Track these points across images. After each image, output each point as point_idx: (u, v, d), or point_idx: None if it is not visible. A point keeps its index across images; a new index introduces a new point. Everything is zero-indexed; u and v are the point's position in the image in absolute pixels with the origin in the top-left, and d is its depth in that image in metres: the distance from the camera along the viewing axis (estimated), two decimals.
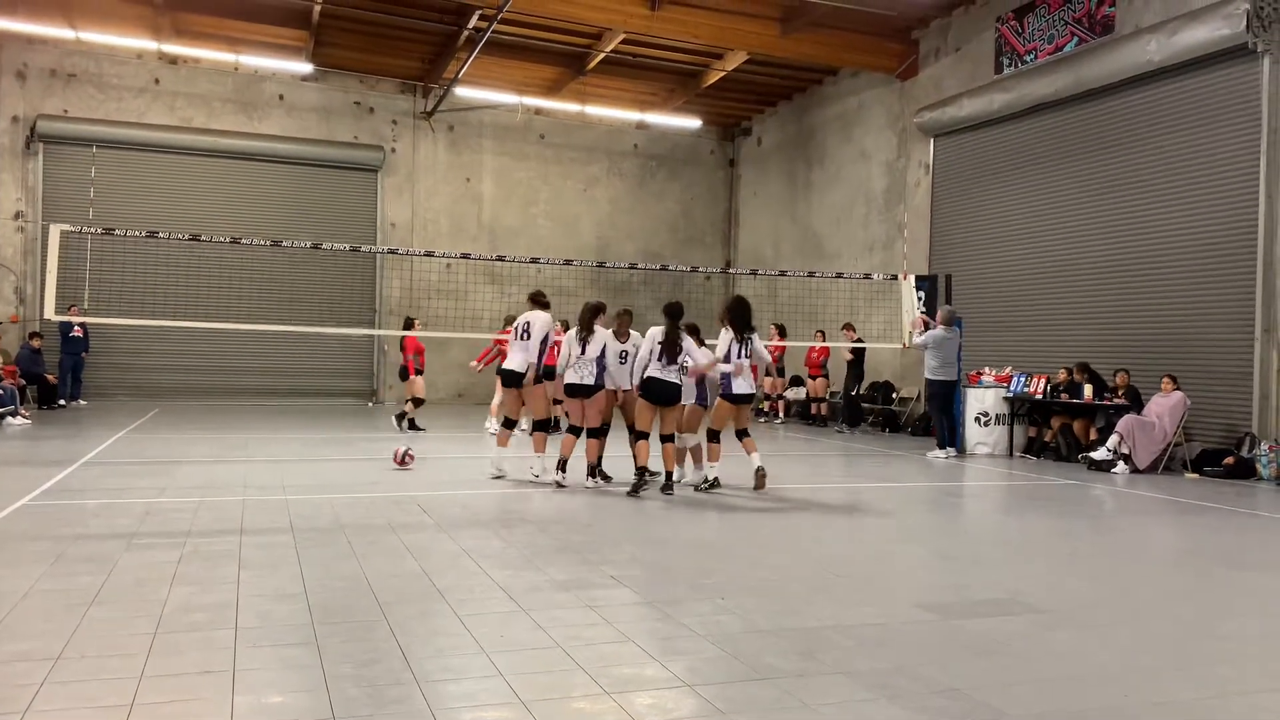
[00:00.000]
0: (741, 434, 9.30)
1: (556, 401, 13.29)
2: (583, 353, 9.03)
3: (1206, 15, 11.85)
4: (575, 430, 9.31)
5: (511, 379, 9.71)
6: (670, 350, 8.67)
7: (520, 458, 10.25)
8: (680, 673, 3.96)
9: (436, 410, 17.68)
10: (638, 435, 8.85)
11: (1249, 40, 11.38)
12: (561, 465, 9.05)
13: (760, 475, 9.07)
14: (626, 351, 9.20)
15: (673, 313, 8.93)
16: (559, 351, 9.63)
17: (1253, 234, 11.65)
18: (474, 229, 21.50)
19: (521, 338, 9.57)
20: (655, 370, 8.65)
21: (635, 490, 8.66)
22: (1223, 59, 11.95)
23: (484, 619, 4.68)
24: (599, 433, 9.17)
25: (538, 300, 9.93)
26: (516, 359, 9.56)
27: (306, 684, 3.73)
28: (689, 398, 9.06)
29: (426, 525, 7.07)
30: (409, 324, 14.23)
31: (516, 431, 10.58)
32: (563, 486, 8.94)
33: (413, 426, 14.14)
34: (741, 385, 9.00)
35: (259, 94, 19.93)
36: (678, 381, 8.68)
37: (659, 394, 8.69)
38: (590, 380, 9.01)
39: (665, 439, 8.85)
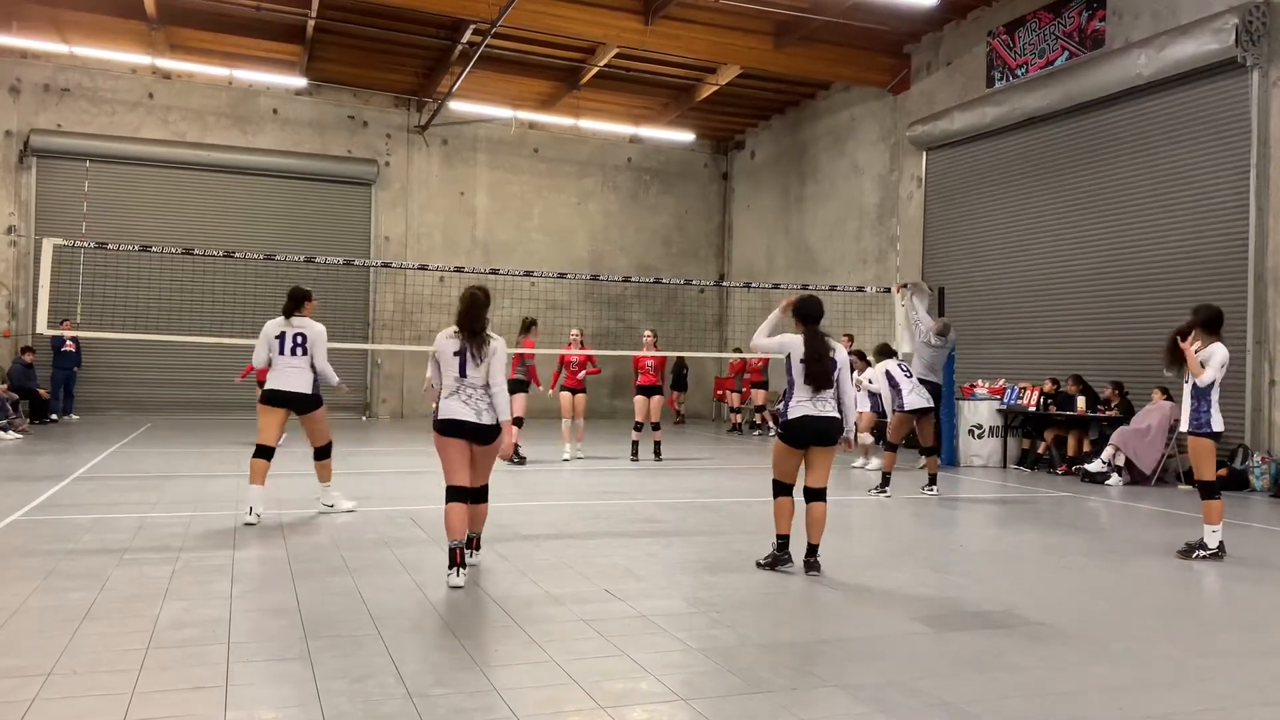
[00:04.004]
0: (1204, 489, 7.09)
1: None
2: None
3: (1196, 30, 11.94)
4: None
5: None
6: (819, 369, 6.11)
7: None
8: (675, 687, 3.95)
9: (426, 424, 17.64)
10: (778, 490, 6.29)
11: (1238, 54, 11.47)
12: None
13: None
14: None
15: (813, 313, 6.30)
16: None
17: (1243, 246, 11.71)
18: (467, 243, 21.52)
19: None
20: (805, 404, 6.12)
21: (772, 564, 6.25)
22: (1212, 73, 12.04)
23: (478, 634, 4.66)
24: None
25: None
26: None
27: (299, 699, 3.71)
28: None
29: (419, 539, 7.05)
30: (529, 326, 12.06)
31: None
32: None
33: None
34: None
35: (253, 108, 19.96)
36: (835, 414, 6.20)
37: (814, 433, 6.14)
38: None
39: (816, 496, 6.23)
